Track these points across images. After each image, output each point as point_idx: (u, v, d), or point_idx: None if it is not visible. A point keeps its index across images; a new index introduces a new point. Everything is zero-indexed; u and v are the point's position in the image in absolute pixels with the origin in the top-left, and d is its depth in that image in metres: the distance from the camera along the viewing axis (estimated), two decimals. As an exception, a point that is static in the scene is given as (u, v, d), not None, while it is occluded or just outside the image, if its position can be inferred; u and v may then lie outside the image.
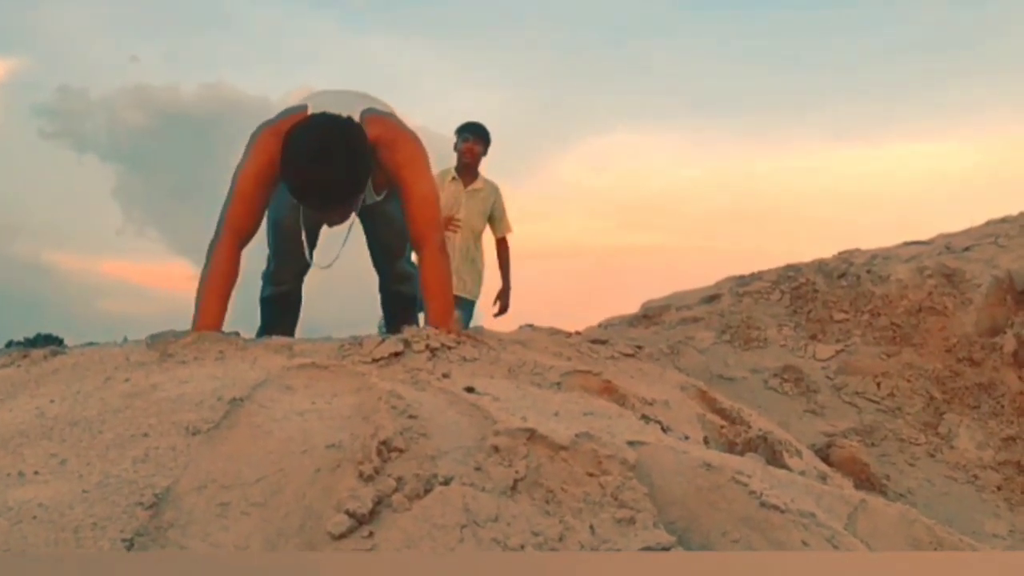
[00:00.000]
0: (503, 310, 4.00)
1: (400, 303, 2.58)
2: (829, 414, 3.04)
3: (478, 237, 3.90)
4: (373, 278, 2.62)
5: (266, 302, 2.52)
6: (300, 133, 1.85)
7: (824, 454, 2.61)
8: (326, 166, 1.82)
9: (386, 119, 2.04)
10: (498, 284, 4.03)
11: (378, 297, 2.67)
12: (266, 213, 2.10)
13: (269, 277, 2.50)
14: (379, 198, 2.18)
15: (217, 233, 1.91)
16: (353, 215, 2.08)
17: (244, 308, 2.59)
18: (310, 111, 1.96)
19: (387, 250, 2.48)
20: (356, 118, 1.97)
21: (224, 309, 1.87)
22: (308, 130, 1.85)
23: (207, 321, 1.80)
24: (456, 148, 3.85)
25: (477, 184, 3.86)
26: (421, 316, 2.53)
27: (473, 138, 3.82)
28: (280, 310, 2.50)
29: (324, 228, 2.26)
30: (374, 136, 1.96)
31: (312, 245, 2.26)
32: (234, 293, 1.92)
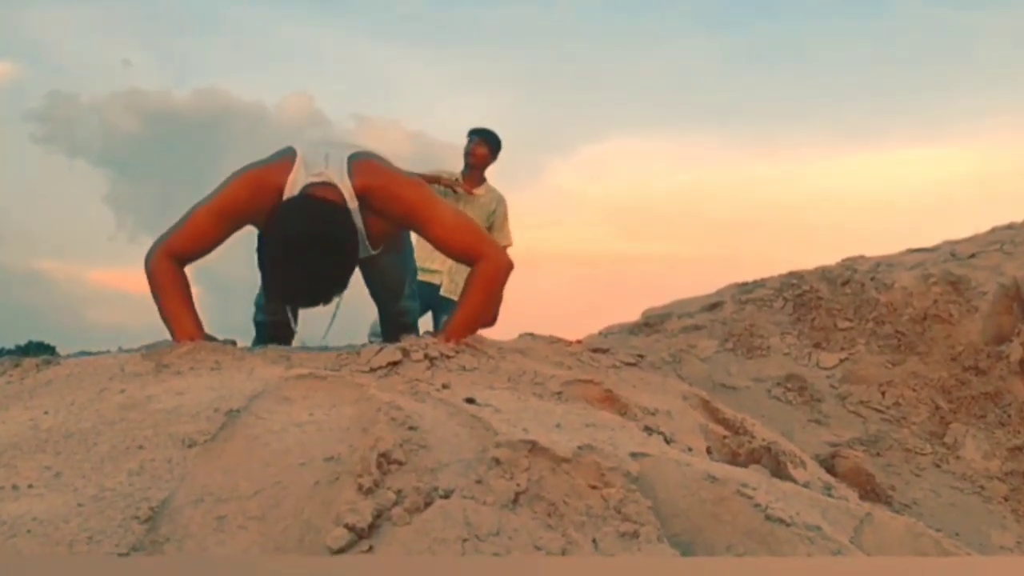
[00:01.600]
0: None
1: (399, 328, 2.55)
2: (833, 424, 3.01)
3: None
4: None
5: (259, 326, 2.51)
6: (279, 229, 1.71)
7: (828, 464, 2.58)
8: (304, 273, 1.69)
9: (375, 164, 1.89)
10: None
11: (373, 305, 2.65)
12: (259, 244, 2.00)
13: (261, 306, 2.47)
14: (374, 252, 2.01)
15: (151, 249, 1.80)
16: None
17: (241, 320, 2.59)
18: (299, 154, 1.83)
19: (384, 294, 2.42)
20: (344, 163, 1.84)
21: (194, 312, 1.79)
22: (287, 227, 1.70)
23: (186, 330, 1.73)
24: (465, 150, 3.84)
25: (479, 190, 3.86)
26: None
27: (482, 141, 3.81)
28: (273, 334, 2.48)
29: None
30: (364, 185, 1.83)
31: (296, 311, 2.14)
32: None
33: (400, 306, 2.51)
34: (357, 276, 2.14)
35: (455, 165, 3.91)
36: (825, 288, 3.66)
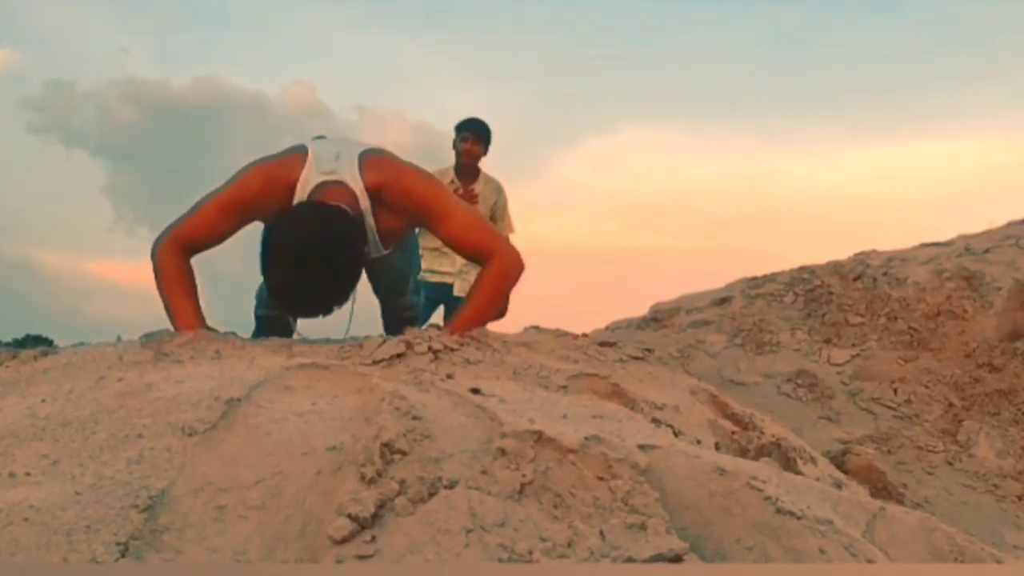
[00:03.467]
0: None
1: (402, 323, 2.53)
2: (844, 421, 2.98)
3: None
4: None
5: (260, 320, 2.49)
6: (286, 236, 1.68)
7: (839, 461, 2.55)
8: (307, 285, 1.66)
9: (386, 159, 1.89)
10: None
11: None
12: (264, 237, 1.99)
13: (263, 301, 2.44)
14: (386, 252, 1.99)
15: (159, 238, 1.79)
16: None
17: (240, 314, 2.58)
18: (311, 151, 1.83)
19: (390, 292, 2.39)
20: (355, 159, 1.83)
21: (197, 304, 1.78)
22: (293, 236, 1.67)
23: (187, 321, 1.72)
24: (455, 147, 3.70)
25: (477, 185, 3.73)
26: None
27: (472, 138, 3.65)
28: (274, 328, 2.46)
29: None
30: (377, 181, 1.82)
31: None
32: (203, 288, 1.81)
33: (403, 301, 2.50)
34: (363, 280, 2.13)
35: (450, 159, 3.83)
36: (837, 283, 3.62)
